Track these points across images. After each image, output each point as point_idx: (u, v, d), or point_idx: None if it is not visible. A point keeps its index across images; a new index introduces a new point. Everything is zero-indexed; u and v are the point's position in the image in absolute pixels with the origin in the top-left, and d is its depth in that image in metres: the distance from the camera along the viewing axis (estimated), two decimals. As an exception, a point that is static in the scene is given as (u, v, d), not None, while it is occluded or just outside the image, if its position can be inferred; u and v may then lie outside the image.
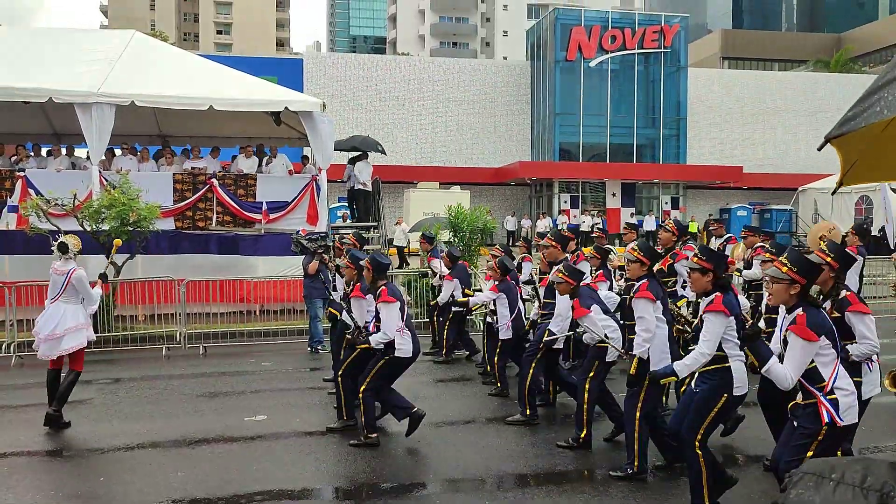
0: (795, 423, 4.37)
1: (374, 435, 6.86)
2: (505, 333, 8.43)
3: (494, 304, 8.60)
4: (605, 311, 6.75)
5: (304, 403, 8.52)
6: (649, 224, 33.77)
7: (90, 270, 8.30)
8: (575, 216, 35.54)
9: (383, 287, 6.80)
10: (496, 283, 8.56)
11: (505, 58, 61.54)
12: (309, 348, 11.65)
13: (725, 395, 4.93)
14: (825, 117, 41.19)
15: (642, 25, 39.37)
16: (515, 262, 10.04)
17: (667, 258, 8.82)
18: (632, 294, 5.86)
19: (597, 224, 31.38)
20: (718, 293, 4.93)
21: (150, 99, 14.08)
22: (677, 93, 39.74)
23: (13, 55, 14.49)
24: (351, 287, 7.33)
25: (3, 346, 11.23)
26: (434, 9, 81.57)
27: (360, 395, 6.79)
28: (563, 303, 7.10)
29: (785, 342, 4.33)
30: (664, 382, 5.07)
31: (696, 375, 5.10)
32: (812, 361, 4.23)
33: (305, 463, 6.43)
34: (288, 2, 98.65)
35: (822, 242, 5.20)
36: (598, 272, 8.85)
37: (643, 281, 5.84)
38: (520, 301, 8.64)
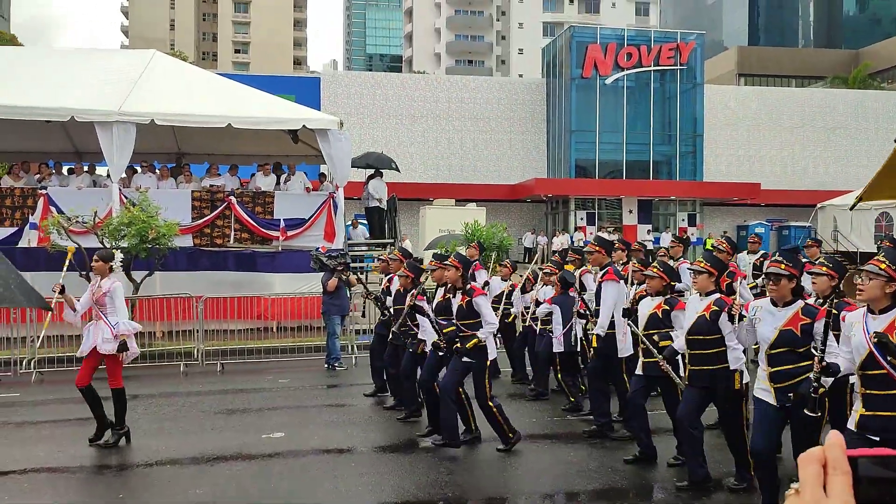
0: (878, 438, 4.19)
1: (516, 433, 7.06)
2: (557, 346, 8.54)
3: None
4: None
5: (321, 421, 8.51)
6: (665, 241, 33.57)
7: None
8: (591, 233, 35.42)
9: (472, 283, 7.14)
10: (551, 296, 8.76)
11: (520, 75, 61.74)
12: (326, 365, 11.64)
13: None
14: (843, 134, 40.90)
15: (658, 43, 39.37)
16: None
17: (724, 277, 8.77)
18: (716, 307, 5.78)
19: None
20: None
21: (170, 117, 14.25)
22: (693, 110, 39.62)
23: (36, 75, 14.71)
24: (412, 295, 7.67)
25: (24, 363, 11.31)
26: (450, 27, 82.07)
27: (491, 406, 6.92)
28: (608, 301, 7.27)
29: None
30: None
31: (776, 390, 5.02)
32: None
33: (323, 480, 6.40)
34: (305, 21, 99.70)
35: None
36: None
37: (718, 294, 5.86)
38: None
